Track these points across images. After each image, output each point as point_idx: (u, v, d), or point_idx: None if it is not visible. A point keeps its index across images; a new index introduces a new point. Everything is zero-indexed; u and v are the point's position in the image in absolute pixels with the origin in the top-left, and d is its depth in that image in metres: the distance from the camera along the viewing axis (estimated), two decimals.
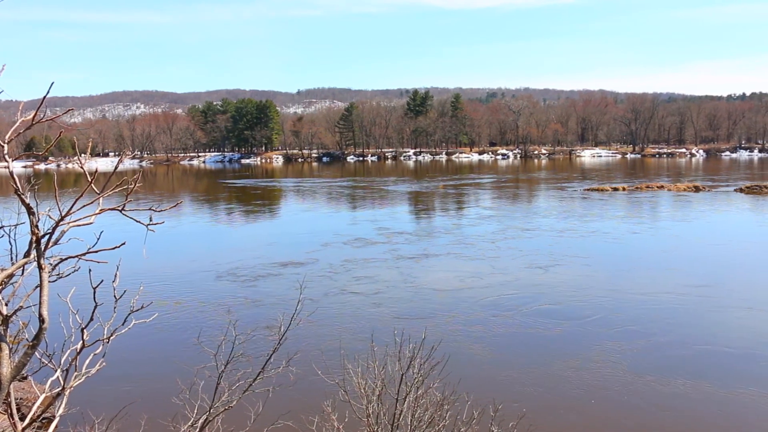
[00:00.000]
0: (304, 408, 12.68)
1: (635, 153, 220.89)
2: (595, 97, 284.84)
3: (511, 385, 17.57)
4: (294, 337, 19.16)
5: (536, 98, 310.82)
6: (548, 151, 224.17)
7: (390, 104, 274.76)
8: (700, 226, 47.61)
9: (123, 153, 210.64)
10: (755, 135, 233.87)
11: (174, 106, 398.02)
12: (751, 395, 16.56)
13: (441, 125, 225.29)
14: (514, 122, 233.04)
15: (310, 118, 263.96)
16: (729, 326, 22.67)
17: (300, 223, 54.21)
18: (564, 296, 26.95)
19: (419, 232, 45.95)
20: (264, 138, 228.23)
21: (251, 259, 35.93)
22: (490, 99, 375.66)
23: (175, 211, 59.59)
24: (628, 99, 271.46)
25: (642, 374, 18.20)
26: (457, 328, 22.64)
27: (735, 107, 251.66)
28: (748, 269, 32.15)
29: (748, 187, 75.64)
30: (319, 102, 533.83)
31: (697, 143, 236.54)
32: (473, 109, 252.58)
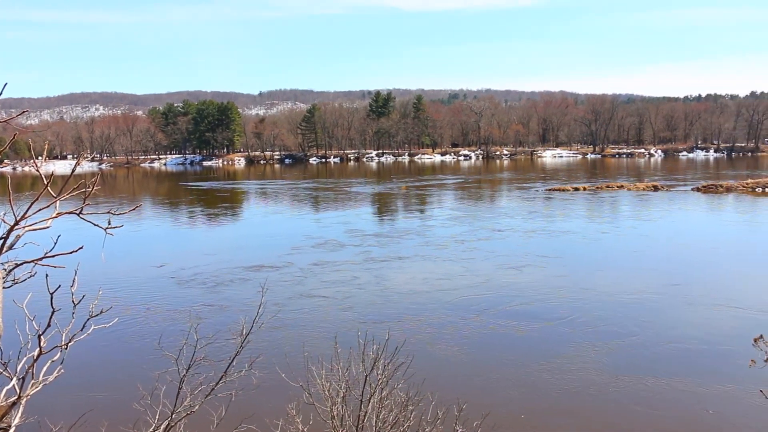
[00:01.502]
0: (268, 411, 12.59)
1: (595, 153, 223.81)
2: (555, 98, 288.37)
3: (476, 385, 17.66)
4: (257, 341, 19.03)
5: (498, 99, 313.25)
6: (510, 152, 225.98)
7: (352, 106, 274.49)
8: (664, 225, 48.41)
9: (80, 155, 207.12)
10: (711, 135, 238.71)
11: (134, 107, 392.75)
12: (725, 391, 16.89)
13: (403, 126, 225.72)
14: (476, 123, 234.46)
15: (272, 119, 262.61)
16: (700, 323, 23.11)
17: (264, 226, 53.89)
18: (534, 297, 27.18)
19: (386, 234, 45.97)
20: (226, 140, 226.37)
21: (214, 263, 35.61)
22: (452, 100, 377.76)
23: (136, 215, 58.80)
24: (588, 100, 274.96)
25: (612, 373, 18.44)
26: (424, 330, 22.69)
27: (691, 108, 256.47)
28: (715, 267, 32.84)
29: (704, 187, 77.22)
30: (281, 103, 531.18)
31: (656, 143, 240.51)
32: (435, 110, 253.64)
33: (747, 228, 47.65)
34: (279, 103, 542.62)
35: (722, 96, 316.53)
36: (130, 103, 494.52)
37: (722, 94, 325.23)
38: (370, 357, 8.92)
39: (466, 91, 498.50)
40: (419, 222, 52.35)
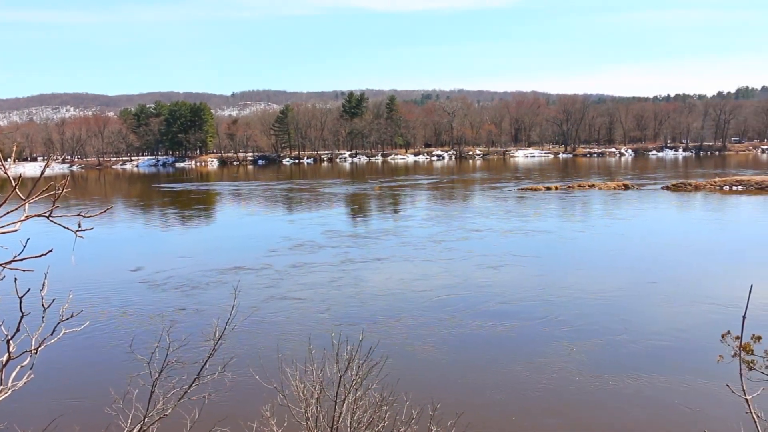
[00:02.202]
0: (242, 413, 12.53)
1: (567, 153, 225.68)
2: (527, 98, 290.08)
3: (451, 385, 17.72)
4: (231, 343, 18.93)
5: (470, 99, 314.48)
6: (482, 152, 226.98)
7: (325, 106, 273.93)
8: (637, 224, 48.92)
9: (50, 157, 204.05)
10: (680, 135, 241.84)
11: (105, 108, 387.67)
12: (700, 386, 17.12)
13: (376, 127, 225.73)
14: (448, 123, 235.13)
15: (245, 120, 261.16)
16: (675, 320, 23.40)
17: (239, 227, 53.61)
18: (511, 296, 27.32)
19: (363, 235, 45.95)
20: (198, 141, 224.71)
21: (189, 266, 35.35)
22: (424, 101, 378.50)
23: (108, 217, 58.17)
24: (560, 100, 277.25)
25: (591, 371, 18.59)
26: (399, 331, 22.71)
27: (661, 108, 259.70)
28: (688, 265, 33.28)
29: (674, 185, 78.27)
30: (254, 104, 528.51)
31: (626, 143, 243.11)
32: (408, 110, 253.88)
33: (716, 226, 48.36)
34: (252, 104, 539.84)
35: (690, 96, 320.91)
36: (101, 104, 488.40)
37: (690, 94, 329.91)
38: (345, 358, 8.93)
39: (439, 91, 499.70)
40: (395, 222, 52.42)
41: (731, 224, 49.66)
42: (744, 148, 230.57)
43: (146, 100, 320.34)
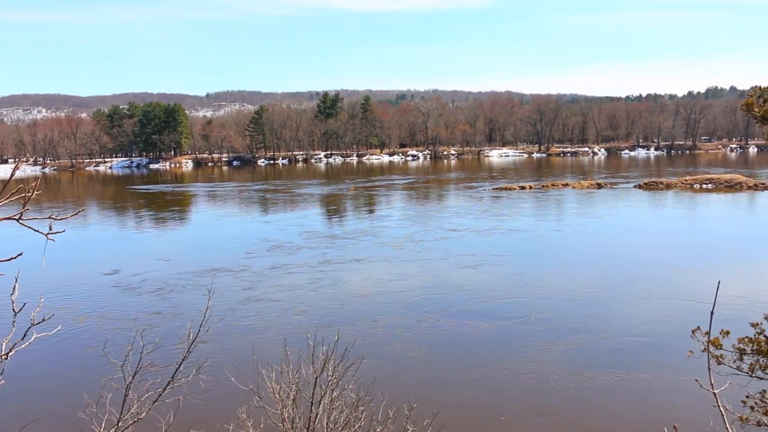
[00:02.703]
0: (218, 416, 12.48)
1: (541, 152, 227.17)
2: (501, 98, 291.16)
3: (427, 385, 17.77)
4: (206, 345, 18.82)
5: (445, 100, 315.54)
6: (457, 152, 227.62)
7: (300, 107, 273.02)
8: (612, 222, 49.52)
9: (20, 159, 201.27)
10: (651, 134, 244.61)
11: (78, 110, 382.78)
12: (674, 381, 17.34)
13: (351, 127, 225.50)
14: (423, 123, 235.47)
15: (220, 121, 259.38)
16: (651, 317, 23.72)
17: (215, 229, 53.28)
18: (490, 295, 27.44)
19: (340, 236, 45.89)
20: (173, 142, 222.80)
21: (164, 268, 35.08)
22: (399, 101, 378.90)
23: (82, 220, 57.53)
24: (534, 100, 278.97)
25: (570, 369, 18.75)
26: (377, 331, 22.72)
27: (633, 108, 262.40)
28: (662, 262, 33.71)
29: (646, 184, 79.21)
30: (229, 105, 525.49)
31: (599, 142, 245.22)
32: (383, 110, 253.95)
33: (687, 224, 49.05)
34: (226, 105, 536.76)
35: (662, 96, 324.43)
36: (73, 105, 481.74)
37: (661, 94, 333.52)
38: (320, 359, 8.91)
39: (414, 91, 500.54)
40: (372, 223, 52.43)
41: (702, 222, 50.36)
42: (713, 147, 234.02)
43: (120, 101, 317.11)
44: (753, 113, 9.90)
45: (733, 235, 42.00)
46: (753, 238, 41.05)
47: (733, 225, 47.55)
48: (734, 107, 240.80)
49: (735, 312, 21.56)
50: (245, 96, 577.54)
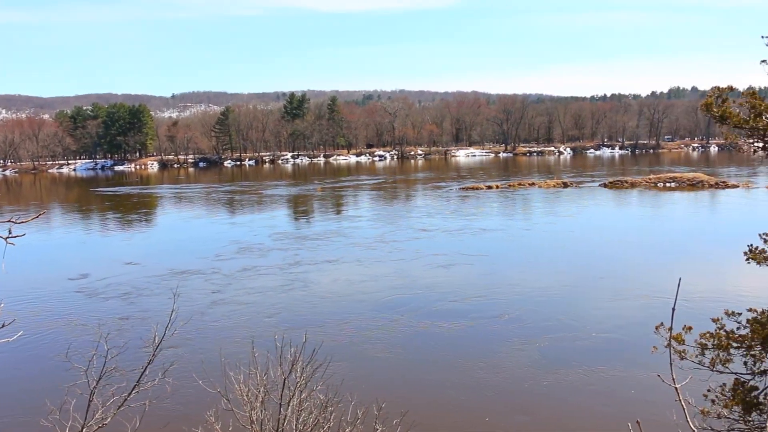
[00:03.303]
0: (185, 419, 12.36)
1: (507, 152, 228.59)
2: (468, 98, 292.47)
3: (396, 385, 17.79)
4: (173, 349, 18.64)
5: (411, 100, 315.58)
6: (424, 152, 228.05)
7: (267, 107, 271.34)
8: (580, 221, 50.04)
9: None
10: (616, 133, 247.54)
11: (40, 111, 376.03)
12: (647, 377, 17.57)
13: (318, 128, 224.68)
14: (390, 124, 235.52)
15: (186, 122, 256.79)
16: (621, 314, 24.06)
17: (183, 231, 52.77)
18: (462, 295, 27.54)
19: (309, 236, 45.72)
20: (138, 144, 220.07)
21: (130, 271, 34.65)
22: (366, 101, 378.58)
23: (45, 223, 56.61)
24: (500, 100, 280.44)
25: (544, 367, 18.92)
26: (346, 332, 22.69)
27: (597, 107, 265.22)
28: (629, 260, 34.27)
29: (611, 183, 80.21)
30: (195, 106, 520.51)
31: (565, 142, 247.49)
32: (350, 111, 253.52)
33: (653, 222, 49.80)
34: (192, 106, 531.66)
35: (626, 96, 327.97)
36: (35, 106, 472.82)
37: (626, 94, 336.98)
38: (288, 360, 8.88)
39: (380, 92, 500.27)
40: (342, 224, 52.33)
41: (666, 220, 51.18)
42: (676, 146, 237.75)
43: (83, 102, 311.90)
44: (712, 113, 10.09)
45: (696, 233, 42.75)
46: (715, 235, 41.85)
47: (695, 223, 48.39)
48: (696, 107, 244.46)
49: (699, 308, 21.92)
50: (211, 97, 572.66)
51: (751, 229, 11.97)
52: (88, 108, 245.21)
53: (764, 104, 9.76)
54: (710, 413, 10.16)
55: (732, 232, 40.28)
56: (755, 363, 10.55)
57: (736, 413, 10.28)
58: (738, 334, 10.69)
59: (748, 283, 26.62)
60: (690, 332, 10.54)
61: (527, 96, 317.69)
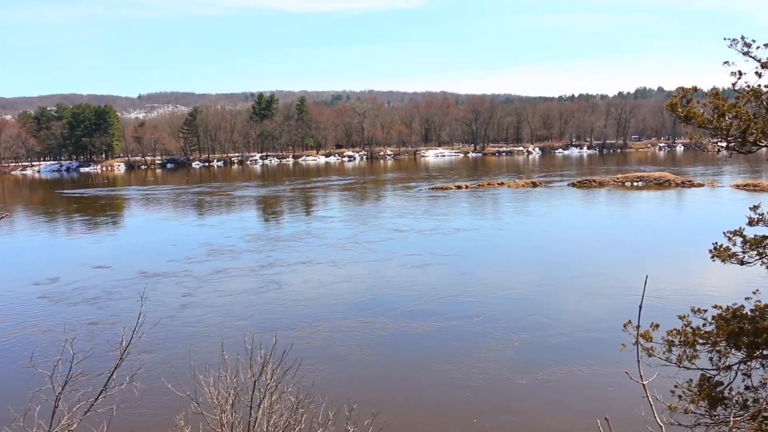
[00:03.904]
0: (154, 424, 12.23)
1: (476, 152, 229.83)
2: (437, 98, 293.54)
3: (368, 385, 17.78)
4: (141, 353, 18.43)
5: (380, 100, 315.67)
6: (394, 152, 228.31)
7: (235, 108, 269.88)
8: (551, 220, 50.61)
9: None
10: (584, 133, 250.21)
11: (2, 111, 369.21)
12: (619, 375, 17.75)
13: (287, 128, 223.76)
14: (359, 124, 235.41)
15: (153, 123, 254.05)
16: (593, 312, 24.31)
17: (151, 233, 52.18)
18: (436, 295, 27.59)
19: (281, 237, 45.52)
20: (104, 145, 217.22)
21: (98, 275, 34.18)
22: (335, 101, 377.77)
23: (8, 226, 55.66)
24: (469, 100, 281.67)
25: (520, 366, 19.01)
26: (319, 334, 22.61)
27: (566, 107, 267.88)
28: (600, 259, 34.71)
29: (579, 182, 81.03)
30: (162, 107, 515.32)
31: (533, 141, 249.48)
32: (319, 111, 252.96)
33: (621, 221, 50.51)
34: (159, 106, 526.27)
35: (593, 96, 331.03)
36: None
37: (593, 94, 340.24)
38: (259, 362, 8.82)
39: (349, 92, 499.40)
40: (313, 225, 52.16)
41: (634, 219, 51.90)
42: (643, 146, 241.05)
43: (47, 103, 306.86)
44: (677, 113, 10.23)
45: (663, 231, 43.35)
46: (681, 233, 42.49)
47: (663, 221, 49.09)
48: (662, 107, 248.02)
49: (666, 305, 22.26)
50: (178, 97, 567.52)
51: (716, 227, 12.18)
52: (53, 108, 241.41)
53: (727, 105, 9.92)
54: (677, 409, 10.29)
55: (698, 231, 40.94)
56: (720, 358, 10.72)
57: (703, 408, 10.43)
58: (704, 331, 10.86)
59: (713, 280, 27.08)
60: (657, 329, 10.68)
61: (496, 96, 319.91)
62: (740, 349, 10.55)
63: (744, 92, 9.89)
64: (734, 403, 10.43)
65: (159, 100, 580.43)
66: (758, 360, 10.66)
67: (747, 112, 9.79)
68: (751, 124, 9.68)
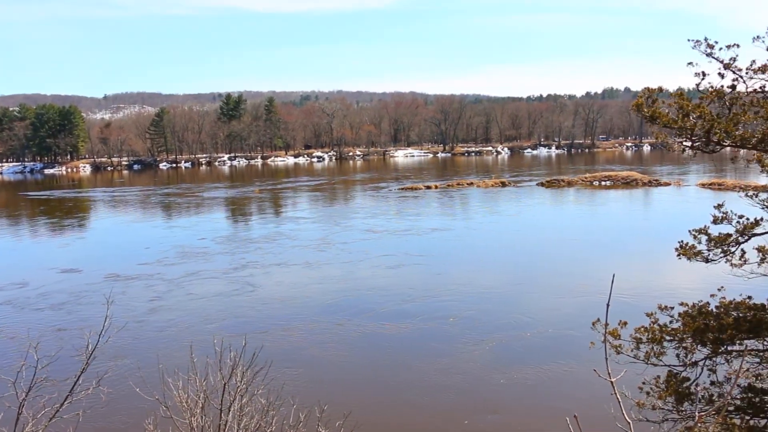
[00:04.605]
0: (122, 428, 12.07)
1: (446, 152, 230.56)
2: (406, 98, 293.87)
3: (341, 386, 17.74)
4: (108, 357, 18.17)
5: (349, 100, 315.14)
6: (363, 153, 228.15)
7: (203, 108, 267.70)
8: (522, 220, 51.14)
9: None
10: (552, 133, 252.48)
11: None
12: (591, 372, 17.91)
13: (255, 129, 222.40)
14: (328, 125, 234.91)
15: (119, 124, 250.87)
16: (566, 311, 24.53)
17: (120, 235, 51.50)
18: (411, 296, 27.62)
19: (252, 239, 45.22)
20: (69, 146, 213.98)
21: (65, 279, 33.67)
22: (303, 102, 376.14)
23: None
24: (438, 100, 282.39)
25: (495, 366, 19.09)
26: (290, 336, 22.50)
27: (534, 108, 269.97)
28: (573, 258, 35.05)
29: (548, 182, 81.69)
30: (128, 107, 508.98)
31: (502, 141, 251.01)
32: (287, 112, 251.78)
33: (591, 220, 51.06)
34: (125, 107, 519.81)
35: (561, 96, 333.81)
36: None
37: (561, 94, 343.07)
38: (228, 365, 8.75)
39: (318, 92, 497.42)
40: (285, 226, 51.90)
41: (603, 218, 52.56)
42: (611, 146, 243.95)
43: (9, 103, 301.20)
44: (643, 113, 10.35)
45: (632, 230, 43.93)
46: (649, 231, 43.07)
47: (631, 220, 49.73)
48: (629, 107, 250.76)
49: (634, 303, 22.49)
50: (145, 98, 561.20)
51: (682, 225, 12.34)
52: (15, 109, 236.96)
53: (691, 105, 10.06)
54: (645, 405, 10.41)
55: (665, 229, 41.49)
56: (687, 355, 10.87)
57: (670, 404, 10.57)
58: (671, 328, 10.99)
59: (679, 278, 27.48)
60: (625, 327, 10.80)
61: (465, 96, 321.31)
62: (706, 345, 10.70)
63: (708, 93, 10.03)
64: (700, 398, 10.59)
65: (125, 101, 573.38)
66: (723, 356, 10.82)
67: (711, 113, 9.94)
68: (715, 124, 9.82)
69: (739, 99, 9.93)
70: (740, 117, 9.78)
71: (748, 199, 11.35)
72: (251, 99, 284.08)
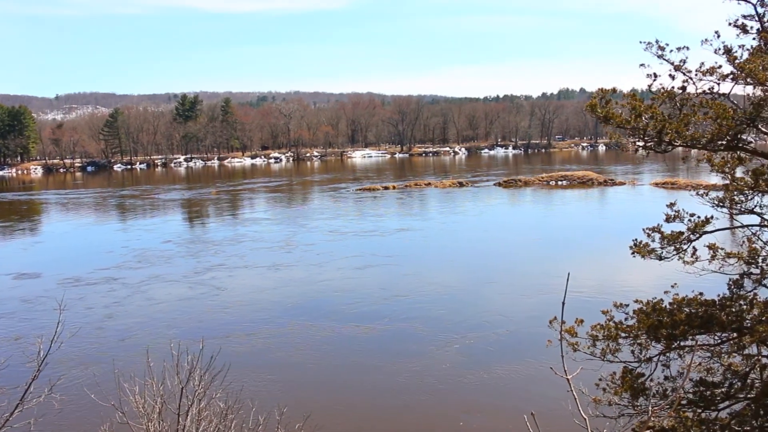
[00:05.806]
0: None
1: (403, 153, 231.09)
2: (363, 99, 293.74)
3: (299, 388, 17.66)
4: (62, 363, 17.82)
5: (306, 101, 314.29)
6: (320, 154, 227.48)
7: (158, 109, 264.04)
8: (484, 220, 51.72)
9: None
10: (509, 134, 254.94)
11: None
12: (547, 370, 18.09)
13: (212, 130, 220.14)
14: (285, 125, 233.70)
15: (72, 124, 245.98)
16: (530, 310, 24.79)
17: (75, 239, 50.42)
18: (378, 297, 27.67)
19: (213, 241, 44.70)
20: (19, 147, 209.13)
21: (16, 285, 32.95)
22: (260, 103, 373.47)
23: None
24: (395, 101, 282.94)
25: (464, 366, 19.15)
26: (252, 338, 22.32)
27: (491, 108, 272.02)
28: (535, 257, 35.54)
29: (505, 182, 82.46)
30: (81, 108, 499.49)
31: (459, 142, 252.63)
32: (244, 113, 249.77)
33: (548, 219, 51.75)
34: (78, 108, 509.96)
35: (518, 97, 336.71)
36: None
37: (517, 95, 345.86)
38: (186, 369, 8.64)
39: (275, 93, 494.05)
40: (246, 228, 51.46)
41: (560, 217, 53.27)
42: (567, 146, 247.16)
43: None
44: (597, 114, 10.51)
45: (588, 229, 44.65)
46: (605, 230, 43.77)
47: (587, 219, 50.51)
48: (584, 108, 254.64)
49: (591, 301, 22.83)
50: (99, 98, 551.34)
51: (636, 224, 12.55)
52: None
53: (644, 106, 10.24)
54: (602, 401, 10.58)
55: (619, 228, 42.16)
56: (641, 351, 11.07)
57: (626, 399, 10.75)
58: (626, 325, 11.18)
59: (634, 276, 27.99)
60: (582, 325, 10.96)
61: (422, 97, 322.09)
62: (660, 341, 10.91)
63: (659, 94, 10.23)
64: (654, 393, 10.79)
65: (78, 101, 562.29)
66: (676, 351, 11.04)
67: (662, 113, 10.13)
68: (666, 124, 10.01)
69: (689, 100, 10.15)
70: (690, 117, 10.00)
71: (699, 198, 11.61)
72: (207, 100, 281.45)
